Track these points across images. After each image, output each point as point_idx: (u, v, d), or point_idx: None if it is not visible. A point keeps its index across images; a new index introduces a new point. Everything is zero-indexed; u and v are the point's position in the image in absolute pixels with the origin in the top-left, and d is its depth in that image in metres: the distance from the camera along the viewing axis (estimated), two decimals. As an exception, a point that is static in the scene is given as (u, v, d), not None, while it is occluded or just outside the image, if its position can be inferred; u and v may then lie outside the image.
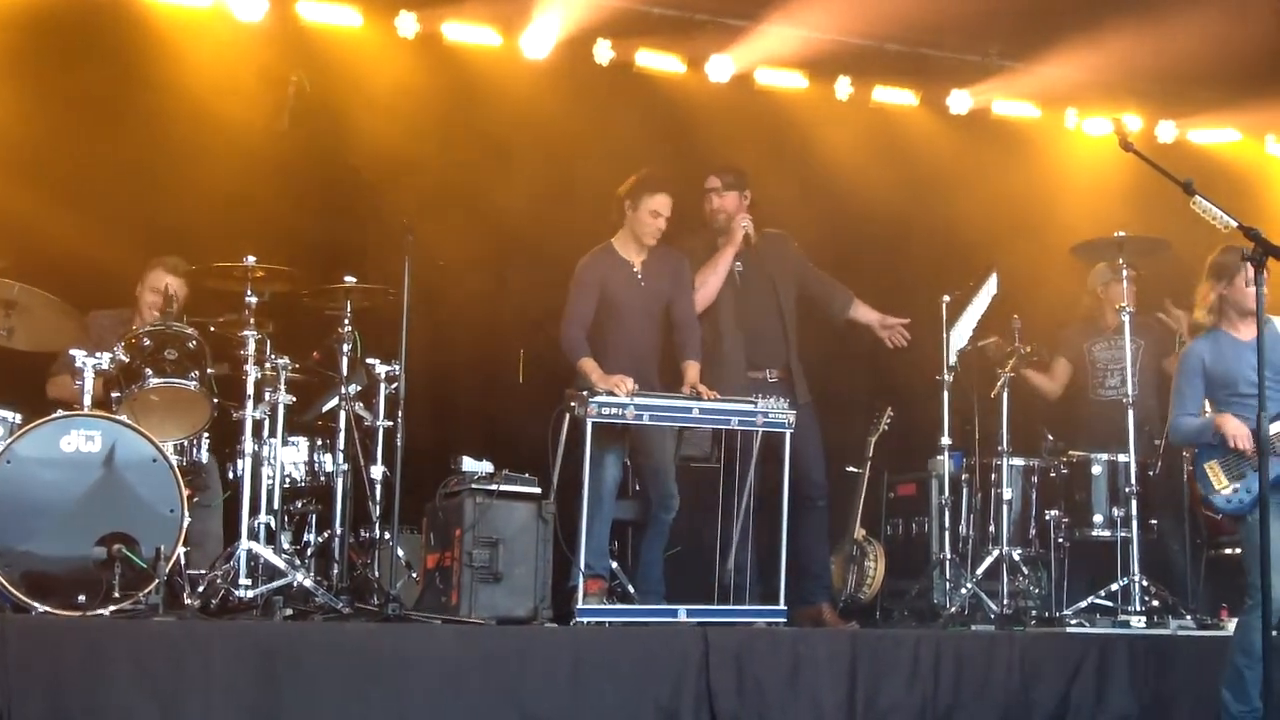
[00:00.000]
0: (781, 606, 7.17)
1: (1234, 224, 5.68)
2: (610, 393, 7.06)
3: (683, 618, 6.97)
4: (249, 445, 7.07)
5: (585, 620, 6.82)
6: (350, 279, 7.50)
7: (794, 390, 7.89)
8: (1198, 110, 10.37)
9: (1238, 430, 6.46)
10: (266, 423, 7.24)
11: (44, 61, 8.23)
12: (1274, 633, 5.75)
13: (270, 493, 7.24)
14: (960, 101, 10.01)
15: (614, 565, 7.62)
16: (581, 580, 6.94)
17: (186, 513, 6.57)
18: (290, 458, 7.58)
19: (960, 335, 8.43)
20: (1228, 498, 6.53)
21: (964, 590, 8.00)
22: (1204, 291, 6.74)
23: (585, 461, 7.02)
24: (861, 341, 8.60)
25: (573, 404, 7.08)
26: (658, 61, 9.50)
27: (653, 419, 7.20)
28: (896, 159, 9.79)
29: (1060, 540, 8.20)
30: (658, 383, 7.56)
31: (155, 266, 7.77)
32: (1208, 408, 6.68)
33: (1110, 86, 10.07)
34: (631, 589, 7.60)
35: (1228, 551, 8.24)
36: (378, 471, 7.39)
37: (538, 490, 7.15)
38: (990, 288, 8.39)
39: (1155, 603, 7.86)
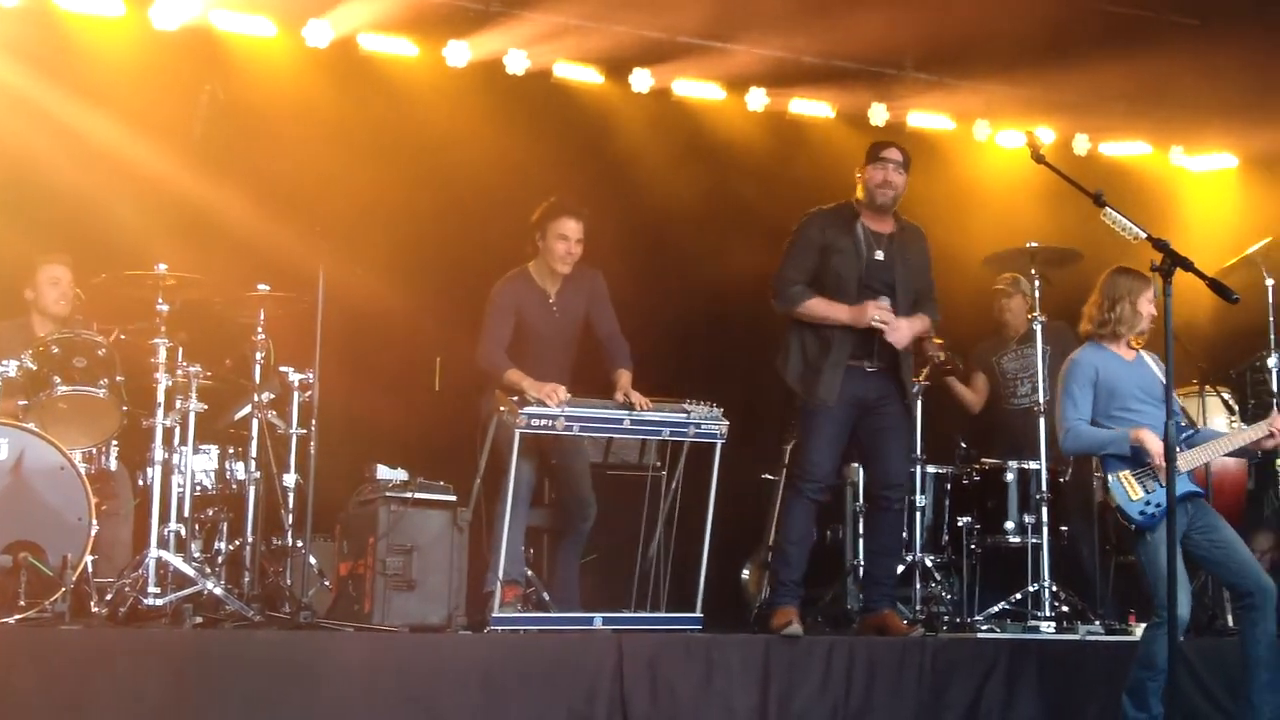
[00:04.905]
0: (697, 614, 7.14)
1: (1143, 235, 5.72)
2: (541, 402, 6.97)
3: (598, 625, 6.94)
4: (159, 453, 7.03)
5: (500, 628, 6.79)
6: (263, 287, 7.49)
7: (900, 383, 7.43)
8: (1110, 124, 10.53)
9: (1160, 448, 6.35)
10: (177, 430, 7.19)
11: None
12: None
13: (180, 500, 7.19)
14: (879, 114, 10.11)
15: (529, 573, 7.61)
16: (498, 587, 6.91)
17: (94, 521, 6.54)
18: (201, 465, 7.55)
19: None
20: (1142, 510, 6.51)
21: (877, 597, 8.06)
22: (1096, 304, 6.83)
23: (511, 469, 6.95)
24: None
25: (502, 409, 6.99)
26: (574, 73, 9.53)
27: (583, 429, 7.11)
28: (809, 170, 9.79)
29: (972, 547, 8.28)
30: None
31: (46, 263, 7.61)
32: None
33: (1028, 100, 10.19)
34: (547, 596, 7.59)
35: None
36: (290, 479, 7.39)
37: (453, 498, 7.10)
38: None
39: (1065, 608, 7.96)
